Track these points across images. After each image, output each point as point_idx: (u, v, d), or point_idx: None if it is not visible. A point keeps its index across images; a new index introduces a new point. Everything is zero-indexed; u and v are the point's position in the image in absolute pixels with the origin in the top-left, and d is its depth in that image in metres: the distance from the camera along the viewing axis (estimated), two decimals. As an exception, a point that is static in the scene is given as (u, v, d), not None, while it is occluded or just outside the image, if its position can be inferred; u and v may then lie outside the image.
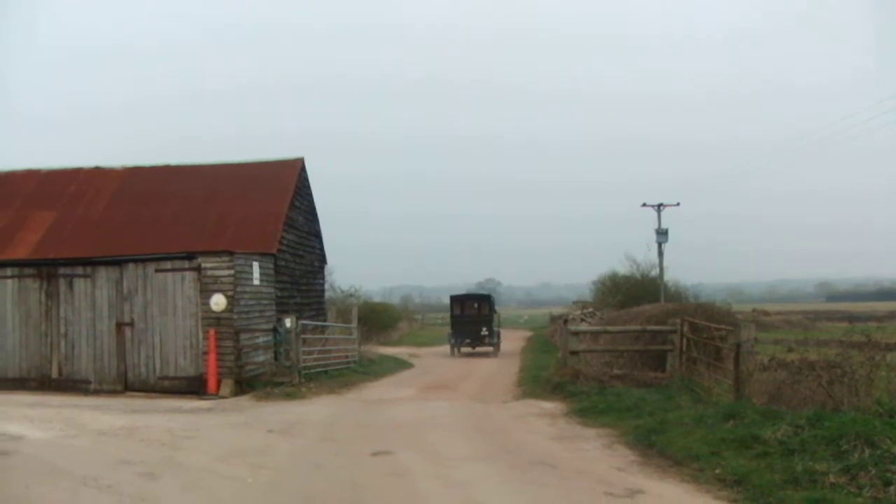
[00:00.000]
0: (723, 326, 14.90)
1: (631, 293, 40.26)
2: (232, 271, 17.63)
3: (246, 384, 17.74)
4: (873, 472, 7.58)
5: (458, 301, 38.67)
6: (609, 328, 20.86)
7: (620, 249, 61.80)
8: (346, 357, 23.62)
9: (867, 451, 8.03)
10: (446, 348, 36.39)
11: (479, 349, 35.66)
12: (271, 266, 20.56)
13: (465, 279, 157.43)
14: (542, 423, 12.84)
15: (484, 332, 35.48)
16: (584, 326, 25.40)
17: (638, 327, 18.17)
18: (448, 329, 39.33)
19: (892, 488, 7.23)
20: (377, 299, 60.27)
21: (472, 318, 36.52)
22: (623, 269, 47.10)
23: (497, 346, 36.13)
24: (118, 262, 18.10)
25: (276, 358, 19.16)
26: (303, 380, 18.00)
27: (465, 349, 35.89)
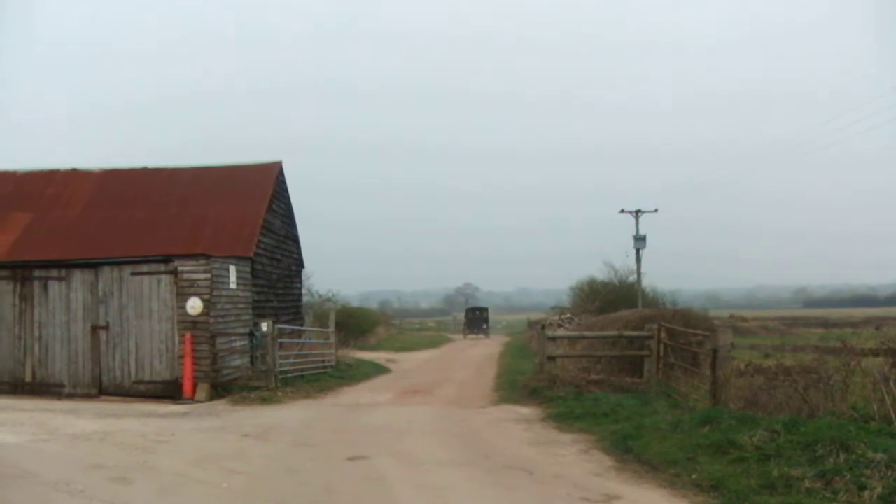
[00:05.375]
0: (699, 332, 14.95)
1: (609, 299, 40.42)
2: (208, 275, 17.52)
3: (222, 388, 17.63)
4: (848, 476, 7.61)
5: (471, 310, 71.91)
6: (586, 333, 20.86)
7: (599, 256, 63.28)
8: (323, 362, 23.51)
9: (842, 456, 8.06)
10: (426, 353, 41.06)
11: (479, 336, 61.89)
12: (248, 270, 20.46)
13: (444, 284, 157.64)
14: (518, 428, 12.82)
15: (484, 327, 65.39)
16: (561, 332, 25.40)
17: (615, 333, 18.16)
18: (462, 326, 68.57)
19: (866, 493, 7.26)
20: (355, 304, 59.88)
21: (477, 319, 66.74)
22: (601, 275, 47.46)
23: (489, 334, 63.59)
24: (94, 265, 17.94)
25: (252, 362, 19.07)
26: (279, 384, 17.89)
27: (470, 336, 62.54)
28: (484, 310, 70.46)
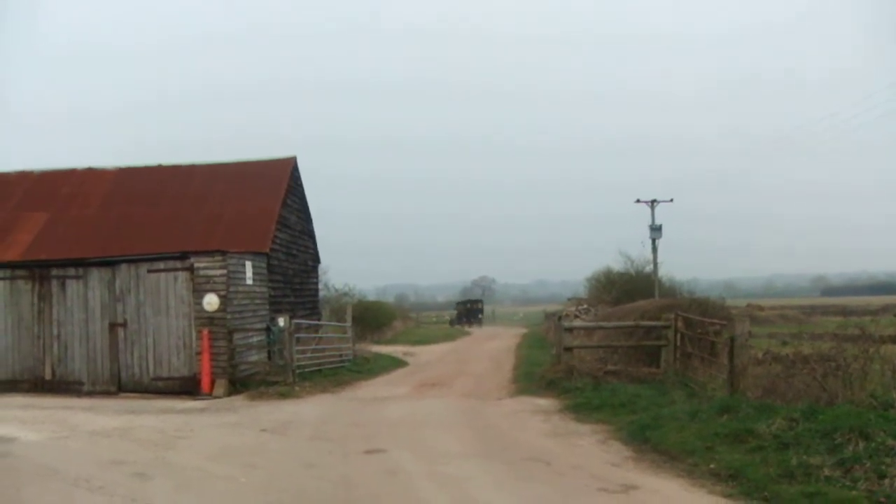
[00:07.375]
0: (717, 321, 14.90)
1: (625, 289, 40.18)
2: (225, 271, 17.57)
3: (240, 384, 17.68)
4: (868, 464, 7.57)
5: (464, 303, 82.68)
6: (603, 324, 20.85)
7: (615, 246, 62.22)
8: (340, 356, 23.55)
9: (861, 444, 8.02)
10: (443, 346, 40.81)
11: (474, 325, 69.43)
12: (264, 265, 20.50)
13: (461, 277, 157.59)
14: (536, 419, 12.81)
15: (479, 317, 75.28)
16: (578, 323, 25.37)
17: (632, 323, 18.13)
18: (454, 316, 76.32)
19: (886, 481, 7.22)
20: (371, 298, 60.03)
21: (473, 310, 76.50)
22: (617, 265, 47.09)
23: (481, 323, 73.24)
24: (111, 263, 18.01)
25: (269, 357, 19.11)
26: (296, 379, 17.94)
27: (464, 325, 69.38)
28: (478, 301, 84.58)
